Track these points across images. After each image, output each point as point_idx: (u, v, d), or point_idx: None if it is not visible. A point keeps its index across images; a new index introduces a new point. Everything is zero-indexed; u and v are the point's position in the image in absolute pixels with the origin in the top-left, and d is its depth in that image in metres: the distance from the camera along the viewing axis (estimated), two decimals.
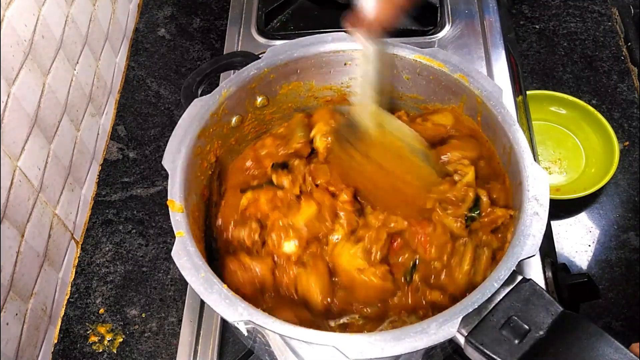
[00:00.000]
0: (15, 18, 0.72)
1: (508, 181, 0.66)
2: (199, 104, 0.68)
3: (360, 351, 0.51)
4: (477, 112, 0.69)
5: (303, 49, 0.73)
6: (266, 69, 0.72)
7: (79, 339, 0.81)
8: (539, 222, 0.57)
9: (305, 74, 0.75)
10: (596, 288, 0.74)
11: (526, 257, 0.55)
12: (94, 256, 0.88)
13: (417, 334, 0.51)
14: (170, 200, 0.61)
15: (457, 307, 0.53)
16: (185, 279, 0.56)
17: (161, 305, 0.83)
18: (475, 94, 0.68)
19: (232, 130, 0.73)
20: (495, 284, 0.53)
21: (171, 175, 0.63)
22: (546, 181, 0.60)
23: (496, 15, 1.03)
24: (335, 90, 0.78)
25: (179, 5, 1.16)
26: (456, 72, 0.69)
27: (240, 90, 0.71)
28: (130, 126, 1.01)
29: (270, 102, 0.75)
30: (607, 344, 0.48)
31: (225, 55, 0.77)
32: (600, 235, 0.89)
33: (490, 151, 0.69)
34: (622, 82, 1.04)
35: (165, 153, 0.65)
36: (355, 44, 0.72)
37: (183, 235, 0.59)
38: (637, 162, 0.96)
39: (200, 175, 0.69)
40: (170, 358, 0.78)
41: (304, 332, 0.53)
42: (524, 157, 0.62)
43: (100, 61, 0.98)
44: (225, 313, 0.54)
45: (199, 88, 0.73)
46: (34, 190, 0.77)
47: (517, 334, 0.51)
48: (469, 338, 0.51)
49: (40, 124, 0.79)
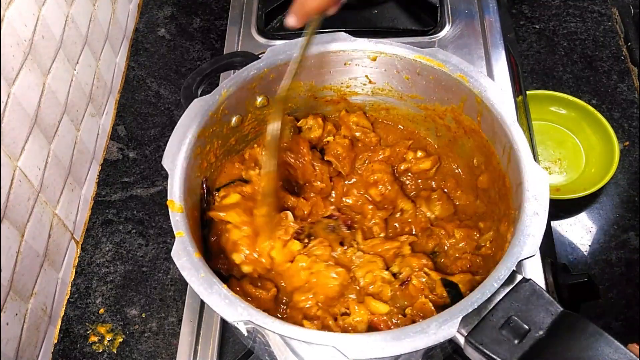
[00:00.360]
0: (15, 18, 0.72)
1: (508, 181, 0.66)
2: (198, 104, 0.68)
3: (361, 351, 0.51)
4: (477, 112, 0.69)
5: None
6: (266, 69, 0.72)
7: (79, 339, 0.81)
8: (538, 222, 0.57)
9: (305, 74, 0.75)
10: (596, 288, 0.74)
11: (526, 257, 0.55)
12: (94, 256, 0.88)
13: (417, 334, 0.51)
14: (170, 201, 0.61)
15: (457, 307, 0.53)
16: (185, 279, 0.56)
17: (161, 305, 0.83)
18: (475, 93, 0.68)
19: (232, 130, 0.73)
20: (495, 283, 0.53)
21: (171, 175, 0.63)
22: (546, 181, 0.60)
23: (496, 15, 1.03)
24: (335, 90, 0.78)
25: (179, 5, 1.16)
26: (456, 72, 0.69)
27: (240, 90, 0.71)
28: (130, 126, 1.01)
29: (270, 102, 0.75)
30: (606, 344, 0.48)
31: (225, 55, 0.77)
32: (600, 235, 0.89)
33: (491, 151, 0.69)
34: (622, 82, 1.04)
35: (165, 153, 0.65)
36: (355, 44, 0.73)
37: (183, 236, 0.59)
38: (637, 162, 0.96)
39: (200, 175, 0.69)
40: (170, 358, 0.78)
41: (303, 332, 0.53)
42: (524, 157, 0.62)
43: (100, 61, 0.98)
44: (225, 313, 0.54)
45: (199, 88, 0.73)
46: (34, 190, 0.77)
47: (517, 333, 0.51)
48: (468, 338, 0.51)
49: (40, 124, 0.79)
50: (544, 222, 0.57)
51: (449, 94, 0.72)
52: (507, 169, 0.66)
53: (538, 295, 0.53)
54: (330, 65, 0.75)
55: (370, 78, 0.77)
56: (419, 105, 0.77)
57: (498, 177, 0.68)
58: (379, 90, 0.78)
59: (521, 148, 0.63)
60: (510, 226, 0.62)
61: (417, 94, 0.76)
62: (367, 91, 0.78)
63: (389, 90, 0.77)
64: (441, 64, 0.70)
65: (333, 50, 0.73)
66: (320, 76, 0.76)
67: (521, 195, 0.60)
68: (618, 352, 0.48)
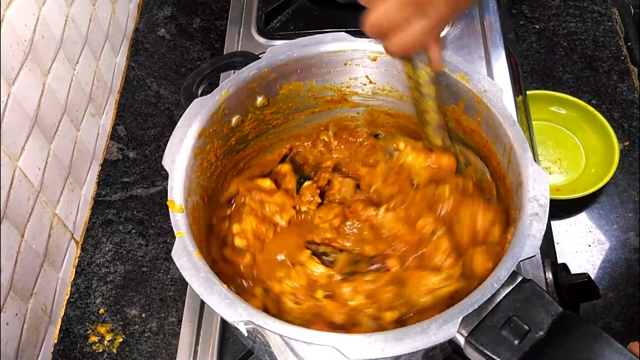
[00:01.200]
0: (15, 18, 0.72)
1: (508, 181, 0.66)
2: (198, 104, 0.68)
3: (361, 351, 0.51)
4: (477, 113, 0.69)
5: (303, 49, 0.73)
6: (266, 69, 0.72)
7: (79, 339, 0.81)
8: (539, 222, 0.57)
9: (305, 74, 0.75)
10: (596, 288, 0.74)
11: (526, 257, 0.55)
12: (94, 256, 0.88)
13: (417, 335, 0.51)
14: (170, 201, 0.61)
15: (457, 307, 0.53)
16: (185, 279, 0.56)
17: (161, 305, 0.83)
18: (475, 94, 0.68)
19: (232, 130, 0.73)
20: (495, 284, 0.53)
21: (171, 176, 0.63)
22: (547, 182, 0.60)
23: (496, 15, 1.03)
24: (336, 90, 0.78)
25: (179, 5, 1.16)
26: (456, 72, 0.69)
27: (240, 90, 0.71)
28: (130, 126, 1.01)
29: (270, 102, 0.75)
30: (606, 345, 0.48)
31: (225, 55, 0.77)
32: (600, 235, 0.89)
33: (491, 151, 0.69)
34: (622, 82, 1.04)
35: (165, 153, 0.65)
36: (355, 43, 0.72)
37: (183, 236, 0.59)
38: (637, 162, 0.96)
39: (200, 175, 0.69)
40: (170, 358, 0.78)
41: (303, 332, 0.53)
42: (524, 158, 0.62)
43: (100, 61, 0.98)
44: (225, 313, 0.54)
45: (199, 88, 0.73)
46: (34, 190, 0.77)
47: (517, 334, 0.51)
48: (469, 338, 0.51)
49: (40, 124, 0.79)
50: (545, 222, 0.57)
51: (448, 94, 0.72)
52: (507, 170, 0.66)
53: (538, 295, 0.53)
54: (331, 65, 0.75)
55: (370, 78, 0.77)
56: None
57: (498, 177, 0.68)
58: (379, 91, 0.78)
59: (521, 149, 0.63)
60: (511, 226, 0.62)
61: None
62: (368, 91, 0.78)
63: (389, 90, 0.77)
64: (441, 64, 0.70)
65: (333, 50, 0.73)
66: (320, 76, 0.76)
67: (521, 196, 0.60)
68: (618, 353, 0.48)
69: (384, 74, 0.75)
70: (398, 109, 0.79)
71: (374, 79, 0.77)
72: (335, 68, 0.75)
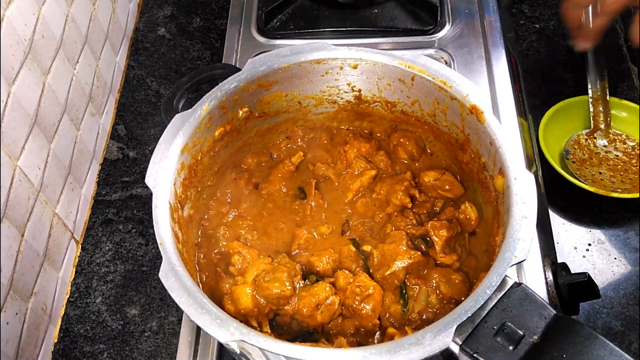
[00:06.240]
0: (15, 18, 0.72)
1: (496, 184, 0.66)
2: (180, 119, 0.68)
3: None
4: (461, 117, 0.69)
5: (283, 59, 0.72)
6: (247, 80, 0.71)
7: (79, 338, 0.81)
8: (528, 225, 0.57)
9: (286, 84, 0.75)
10: (596, 287, 0.74)
11: (517, 262, 0.55)
12: (94, 256, 0.88)
13: (412, 346, 0.51)
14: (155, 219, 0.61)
15: (450, 315, 0.52)
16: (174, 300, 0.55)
17: (161, 304, 0.83)
18: (458, 98, 0.68)
19: (215, 142, 0.73)
20: (487, 290, 0.53)
21: (155, 194, 0.63)
22: (533, 183, 0.59)
23: (496, 14, 1.03)
24: (317, 100, 0.78)
25: (179, 4, 1.16)
26: (438, 77, 0.69)
27: (222, 103, 0.70)
28: (130, 126, 1.01)
29: (252, 112, 0.75)
30: (601, 347, 0.48)
31: (205, 67, 0.77)
32: (600, 235, 0.89)
33: (476, 154, 0.69)
34: (622, 82, 1.03)
35: (148, 171, 0.64)
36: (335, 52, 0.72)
37: (170, 256, 0.58)
38: None
39: (185, 190, 0.69)
40: (170, 357, 0.78)
41: (297, 349, 0.52)
42: (509, 160, 0.62)
43: (100, 61, 0.98)
44: (217, 334, 0.53)
45: (179, 102, 0.73)
46: (34, 190, 0.77)
47: (512, 340, 0.51)
48: (463, 347, 0.51)
49: (40, 124, 0.79)
50: (534, 225, 0.57)
51: (431, 99, 0.72)
52: (494, 172, 0.66)
53: (530, 299, 0.53)
54: (312, 75, 0.75)
55: (352, 86, 0.76)
56: (403, 110, 0.77)
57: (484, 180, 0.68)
58: (362, 98, 0.78)
59: (507, 151, 0.62)
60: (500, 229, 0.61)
61: (399, 100, 0.75)
62: (350, 98, 0.78)
63: (372, 96, 0.77)
64: (422, 69, 0.70)
65: (314, 59, 0.73)
66: (301, 86, 0.76)
67: (509, 198, 0.60)
68: (613, 355, 0.48)
69: (366, 81, 0.75)
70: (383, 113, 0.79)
71: (357, 87, 0.77)
72: (316, 77, 0.75)
